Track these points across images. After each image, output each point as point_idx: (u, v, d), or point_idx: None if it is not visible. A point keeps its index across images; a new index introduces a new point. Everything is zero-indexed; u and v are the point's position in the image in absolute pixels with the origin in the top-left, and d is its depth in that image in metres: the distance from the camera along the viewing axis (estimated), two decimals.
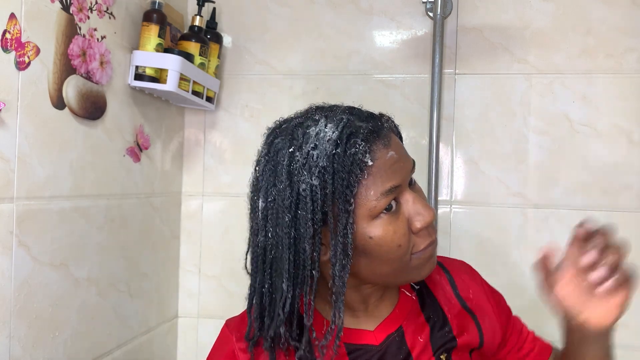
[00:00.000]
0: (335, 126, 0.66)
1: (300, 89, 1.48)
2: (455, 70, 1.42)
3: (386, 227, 0.66)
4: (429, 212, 0.68)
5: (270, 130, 0.74)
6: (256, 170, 0.71)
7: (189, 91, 1.28)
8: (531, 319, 1.39)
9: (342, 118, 0.67)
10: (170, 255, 1.48)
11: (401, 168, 0.67)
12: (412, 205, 0.68)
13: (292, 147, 0.67)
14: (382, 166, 0.65)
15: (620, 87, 1.35)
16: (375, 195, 0.65)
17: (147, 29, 1.19)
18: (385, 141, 0.67)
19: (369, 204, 0.65)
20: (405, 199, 0.68)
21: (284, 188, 0.65)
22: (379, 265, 0.68)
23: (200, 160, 1.53)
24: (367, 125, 0.67)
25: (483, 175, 1.41)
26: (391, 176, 0.66)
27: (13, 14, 0.87)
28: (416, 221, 0.68)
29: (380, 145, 0.66)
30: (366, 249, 0.67)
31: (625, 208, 1.35)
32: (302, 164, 0.65)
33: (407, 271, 0.70)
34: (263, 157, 0.70)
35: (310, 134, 0.66)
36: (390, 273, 0.69)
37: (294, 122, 0.70)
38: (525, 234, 1.39)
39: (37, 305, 0.95)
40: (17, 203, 0.90)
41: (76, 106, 1.04)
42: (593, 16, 1.37)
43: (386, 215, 0.66)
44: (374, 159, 0.65)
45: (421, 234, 0.69)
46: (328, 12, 1.47)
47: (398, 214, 0.67)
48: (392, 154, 0.67)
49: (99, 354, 1.14)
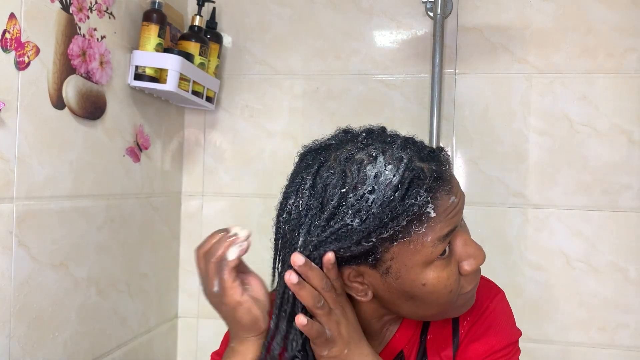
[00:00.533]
0: (396, 168, 0.60)
1: (300, 89, 1.48)
2: (455, 70, 1.42)
3: (440, 274, 0.63)
4: (481, 254, 0.65)
5: (307, 151, 0.68)
6: (297, 199, 0.64)
7: (188, 91, 1.27)
8: (531, 319, 1.39)
9: (402, 158, 0.61)
10: (170, 255, 1.48)
11: (459, 212, 0.64)
12: (464, 248, 0.65)
13: (345, 187, 0.61)
14: (443, 214, 0.61)
15: (620, 87, 1.35)
16: (432, 242, 0.61)
17: (147, 29, 1.19)
18: (448, 187, 0.62)
19: (425, 251, 0.61)
20: (456, 241, 0.65)
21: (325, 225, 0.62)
22: (426, 309, 0.66)
23: (200, 160, 1.53)
24: (430, 168, 0.62)
25: (483, 175, 1.40)
26: (449, 222, 0.62)
27: (13, 14, 0.87)
28: (467, 264, 0.65)
29: (443, 193, 0.62)
30: (416, 295, 0.64)
31: (625, 208, 1.35)
32: (353, 206, 0.60)
33: (449, 311, 0.68)
34: (307, 189, 0.63)
35: (368, 175, 0.60)
36: (434, 315, 0.68)
37: (344, 153, 0.63)
38: (525, 234, 1.39)
39: (36, 305, 0.95)
40: (17, 203, 0.90)
41: (76, 106, 1.04)
42: (593, 16, 1.36)
43: (439, 261, 0.63)
44: (436, 209, 0.61)
45: (469, 277, 0.66)
46: (328, 12, 1.47)
47: (450, 257, 0.64)
48: (453, 199, 0.62)
49: (98, 354, 1.14)
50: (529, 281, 1.39)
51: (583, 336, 1.37)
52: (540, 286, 1.38)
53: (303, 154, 0.68)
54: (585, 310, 1.37)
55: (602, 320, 1.36)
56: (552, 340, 1.39)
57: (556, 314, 1.38)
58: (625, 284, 1.35)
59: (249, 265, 0.73)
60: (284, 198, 0.67)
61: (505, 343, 0.73)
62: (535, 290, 1.39)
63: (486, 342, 0.73)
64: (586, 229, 1.36)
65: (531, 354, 1.38)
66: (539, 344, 1.38)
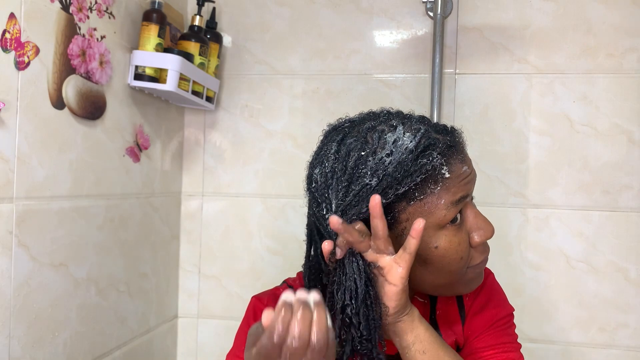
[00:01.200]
0: (413, 135, 0.67)
1: (300, 89, 1.48)
2: (456, 70, 1.42)
3: (452, 239, 0.68)
4: (490, 228, 0.70)
5: (332, 127, 0.73)
6: (323, 166, 0.68)
7: (188, 91, 1.27)
8: (531, 319, 1.39)
9: (420, 128, 0.68)
10: (170, 255, 1.48)
11: (471, 181, 0.70)
12: (474, 219, 0.70)
13: (364, 150, 0.66)
14: (456, 179, 0.67)
15: (620, 87, 1.35)
16: (445, 205, 0.66)
17: (146, 29, 1.19)
18: (461, 156, 0.69)
19: (438, 213, 0.66)
20: (467, 212, 0.70)
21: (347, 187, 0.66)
22: (437, 275, 0.70)
23: (200, 160, 1.53)
24: (445, 139, 0.69)
25: (483, 175, 1.40)
26: (462, 188, 0.68)
27: (13, 14, 0.87)
28: (477, 235, 0.70)
29: (457, 160, 0.68)
30: (428, 258, 0.68)
31: (625, 208, 1.35)
32: (372, 168, 0.65)
33: (460, 284, 0.72)
34: (333, 154, 0.68)
35: (388, 140, 0.66)
36: (445, 284, 0.71)
37: (367, 124, 0.69)
38: (525, 234, 1.39)
39: (36, 305, 0.95)
40: (17, 203, 0.90)
41: (76, 106, 1.04)
42: (593, 16, 1.36)
43: (452, 227, 0.68)
44: (450, 172, 0.67)
45: (479, 248, 0.71)
46: (328, 12, 1.47)
47: (461, 226, 0.69)
48: (465, 168, 0.69)
49: (98, 354, 1.14)
50: (529, 281, 1.39)
51: (583, 336, 1.37)
52: (540, 286, 1.38)
53: (328, 131, 0.73)
54: (585, 310, 1.37)
55: (602, 320, 1.36)
56: (552, 340, 1.39)
57: (556, 314, 1.38)
58: (625, 284, 1.35)
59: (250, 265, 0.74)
60: (310, 169, 0.71)
61: (505, 313, 0.81)
62: (535, 290, 1.39)
63: (489, 312, 0.80)
64: (586, 229, 1.36)
65: (531, 354, 1.38)
66: (539, 344, 1.38)
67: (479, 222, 0.70)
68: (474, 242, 0.70)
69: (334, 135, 0.70)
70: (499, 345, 0.78)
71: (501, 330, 0.79)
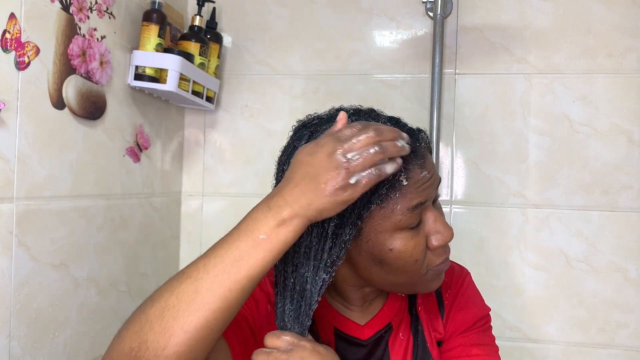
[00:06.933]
0: None
1: (300, 89, 1.48)
2: (455, 70, 1.42)
3: (407, 242, 0.68)
4: (448, 232, 0.70)
5: (301, 124, 0.74)
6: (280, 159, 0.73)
7: (188, 91, 1.27)
8: (531, 319, 1.39)
9: None
10: (170, 255, 1.48)
11: (430, 186, 0.69)
12: (433, 223, 0.70)
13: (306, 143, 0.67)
14: (413, 185, 0.67)
15: (620, 87, 1.35)
16: (401, 210, 0.66)
17: (147, 29, 1.19)
18: (421, 162, 0.68)
19: (394, 218, 0.66)
20: (427, 215, 0.70)
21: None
22: (394, 275, 0.70)
23: (200, 160, 1.53)
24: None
25: (483, 175, 1.40)
26: (420, 194, 0.67)
27: (13, 14, 0.87)
28: (434, 239, 0.70)
29: (416, 166, 0.67)
30: (383, 259, 0.69)
31: (625, 208, 1.35)
32: None
33: (419, 284, 0.72)
34: (284, 149, 0.72)
35: None
36: (402, 283, 0.72)
37: (323, 120, 0.71)
38: (525, 234, 1.39)
39: (36, 305, 0.95)
40: (17, 203, 0.90)
41: (76, 106, 1.04)
42: (593, 16, 1.36)
43: (409, 230, 0.68)
44: (408, 179, 0.66)
45: (437, 251, 0.71)
46: (328, 12, 1.47)
47: (419, 229, 0.69)
48: (425, 174, 0.68)
49: (98, 354, 1.14)
50: (529, 281, 1.39)
51: (583, 336, 1.37)
52: (540, 286, 1.38)
53: (297, 128, 0.74)
54: (585, 310, 1.37)
55: (602, 320, 1.36)
56: (552, 340, 1.39)
57: (556, 314, 1.38)
58: (625, 284, 1.35)
59: None
60: (279, 165, 0.72)
61: (485, 312, 0.83)
62: (535, 290, 1.39)
63: (470, 311, 0.82)
64: (586, 229, 1.36)
65: (531, 354, 1.38)
66: (539, 344, 1.38)
67: (438, 226, 0.70)
68: (432, 245, 0.70)
69: (303, 131, 0.71)
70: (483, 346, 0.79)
71: (482, 332, 0.81)
